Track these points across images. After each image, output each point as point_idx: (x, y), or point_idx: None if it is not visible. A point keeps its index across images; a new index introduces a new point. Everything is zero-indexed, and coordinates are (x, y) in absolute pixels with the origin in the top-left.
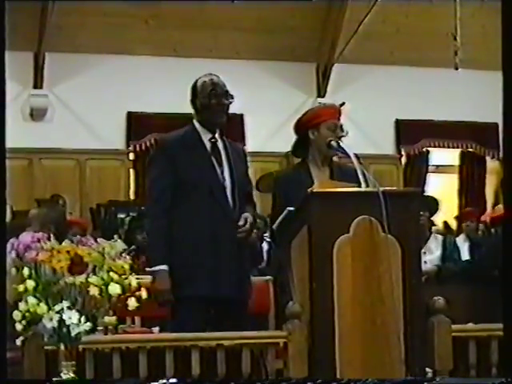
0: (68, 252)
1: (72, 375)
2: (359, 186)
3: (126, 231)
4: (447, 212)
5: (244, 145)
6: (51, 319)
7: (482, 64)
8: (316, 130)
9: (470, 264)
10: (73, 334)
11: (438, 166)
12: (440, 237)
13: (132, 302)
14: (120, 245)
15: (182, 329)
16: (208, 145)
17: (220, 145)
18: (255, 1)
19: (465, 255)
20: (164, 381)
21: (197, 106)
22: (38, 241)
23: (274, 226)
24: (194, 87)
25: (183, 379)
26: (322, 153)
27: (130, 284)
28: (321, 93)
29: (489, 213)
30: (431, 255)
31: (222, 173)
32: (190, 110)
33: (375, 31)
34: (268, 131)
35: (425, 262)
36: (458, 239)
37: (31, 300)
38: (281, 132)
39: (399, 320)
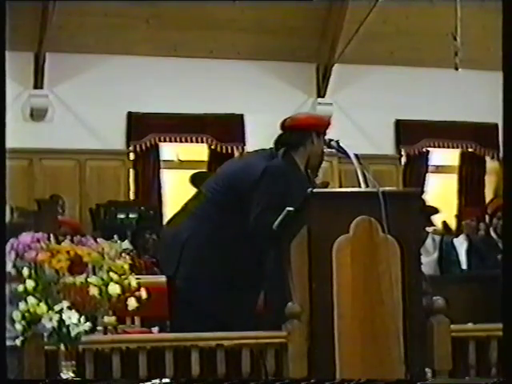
0: (68, 252)
1: (72, 375)
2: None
3: (134, 231)
4: (446, 212)
5: (244, 145)
6: (51, 319)
7: (482, 64)
8: (318, 136)
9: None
10: (73, 334)
11: (437, 166)
12: (437, 237)
13: (132, 302)
14: (126, 244)
15: None
16: None
17: None
18: (255, 1)
19: (462, 257)
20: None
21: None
22: (38, 241)
23: (274, 226)
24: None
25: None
26: (313, 158)
27: (129, 284)
28: (321, 93)
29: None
30: (428, 257)
31: None
32: (188, 110)
33: (375, 32)
34: (268, 131)
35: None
36: (456, 240)
37: (31, 300)
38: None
39: (398, 320)
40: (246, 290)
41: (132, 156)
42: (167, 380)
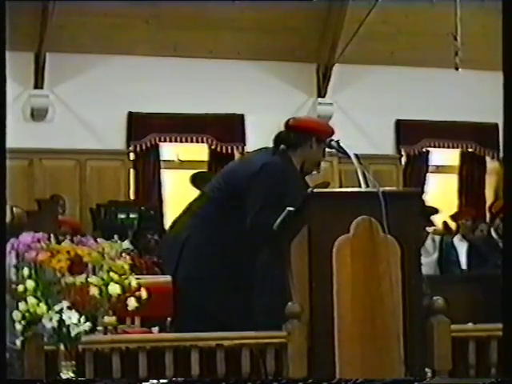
0: (68, 252)
1: (72, 375)
2: None
3: (135, 232)
4: (447, 212)
5: (244, 145)
6: (51, 319)
7: (482, 64)
8: (318, 143)
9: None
10: (73, 334)
11: (438, 166)
12: (437, 238)
13: (132, 302)
14: (126, 244)
15: None
16: None
17: None
18: (255, 1)
19: (462, 257)
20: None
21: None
22: (38, 241)
23: (275, 226)
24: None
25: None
26: (308, 163)
27: (129, 284)
28: (321, 93)
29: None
30: (428, 257)
31: None
32: (189, 110)
33: (375, 31)
34: (268, 131)
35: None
36: (456, 240)
37: (31, 300)
38: None
39: (399, 320)
40: (245, 289)
41: (132, 156)
42: (167, 380)
